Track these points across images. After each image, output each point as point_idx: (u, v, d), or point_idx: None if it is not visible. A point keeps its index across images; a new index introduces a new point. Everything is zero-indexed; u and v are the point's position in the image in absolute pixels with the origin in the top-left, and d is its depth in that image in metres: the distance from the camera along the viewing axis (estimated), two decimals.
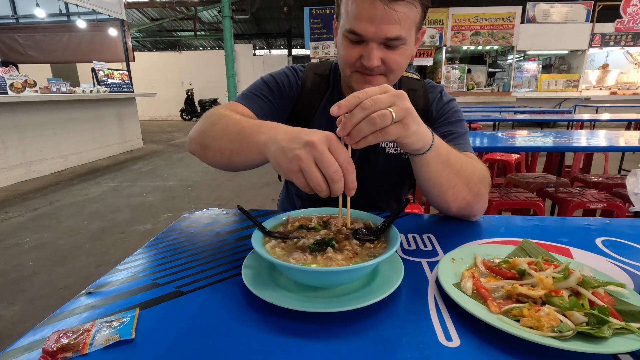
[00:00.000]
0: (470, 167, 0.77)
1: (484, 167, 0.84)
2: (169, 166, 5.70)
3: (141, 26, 14.37)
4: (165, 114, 14.95)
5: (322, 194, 0.52)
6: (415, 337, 0.44)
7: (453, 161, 0.72)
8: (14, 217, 3.44)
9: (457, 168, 0.73)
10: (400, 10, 0.73)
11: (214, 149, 0.76)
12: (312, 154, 0.51)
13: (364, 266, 0.47)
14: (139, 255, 0.68)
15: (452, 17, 9.25)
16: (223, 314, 0.49)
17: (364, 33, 0.76)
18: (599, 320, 0.42)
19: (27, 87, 4.86)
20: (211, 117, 0.80)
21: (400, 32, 0.76)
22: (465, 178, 0.74)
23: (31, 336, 0.45)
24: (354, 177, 0.52)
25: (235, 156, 0.71)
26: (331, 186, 0.51)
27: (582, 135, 2.50)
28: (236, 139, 0.70)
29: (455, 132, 0.94)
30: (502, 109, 6.92)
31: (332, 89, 1.01)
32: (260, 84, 0.97)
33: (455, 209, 0.78)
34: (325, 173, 0.51)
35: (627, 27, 8.96)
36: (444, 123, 0.96)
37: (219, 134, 0.75)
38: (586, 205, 2.00)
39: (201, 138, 0.80)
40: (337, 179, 0.51)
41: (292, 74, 1.01)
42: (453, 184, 0.73)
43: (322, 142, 0.51)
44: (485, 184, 0.80)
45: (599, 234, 0.75)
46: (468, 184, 0.75)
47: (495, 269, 0.56)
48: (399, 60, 0.81)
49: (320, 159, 0.51)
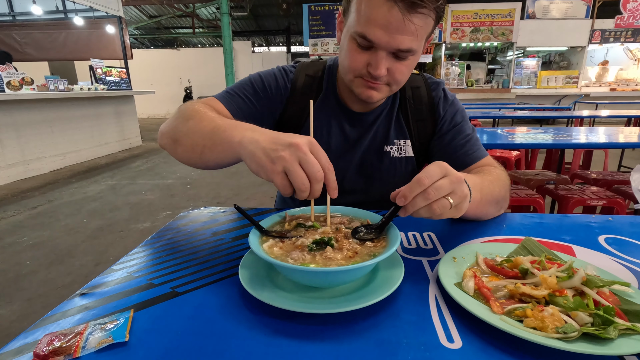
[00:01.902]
0: (498, 188, 0.78)
1: (502, 170, 0.86)
2: (167, 164, 5.68)
3: (139, 23, 14.30)
4: (164, 112, 14.90)
5: (302, 195, 0.54)
6: (416, 339, 0.43)
7: (485, 198, 0.72)
8: (12, 215, 3.43)
9: (487, 200, 0.73)
10: (417, 22, 0.70)
11: (185, 145, 0.74)
12: (296, 155, 0.53)
13: (363, 266, 0.46)
14: (134, 254, 0.67)
15: (452, 13, 9.20)
16: (219, 315, 0.48)
17: (375, 40, 0.72)
18: (605, 321, 0.41)
19: (24, 84, 4.84)
20: (185, 111, 0.78)
21: (412, 44, 0.73)
22: (494, 201, 0.76)
23: (23, 339, 0.44)
24: (334, 177, 0.56)
25: (207, 153, 0.69)
26: (313, 186, 0.54)
27: (582, 132, 2.49)
28: (209, 136, 0.69)
29: (469, 135, 0.94)
30: (501, 106, 6.91)
31: (325, 91, 0.97)
32: (246, 83, 0.94)
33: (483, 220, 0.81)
34: (309, 173, 0.53)
35: (627, 24, 8.92)
36: (456, 128, 0.95)
37: (192, 129, 0.73)
38: (586, 202, 1.99)
39: (173, 132, 0.78)
40: (320, 178, 0.53)
41: (282, 75, 0.96)
42: (484, 212, 0.76)
43: (306, 144, 0.54)
44: (508, 189, 0.83)
45: (602, 232, 0.74)
46: (498, 203, 0.78)
47: (497, 267, 0.55)
48: (405, 72, 0.80)
49: (305, 159, 0.53)
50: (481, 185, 0.71)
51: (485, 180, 0.75)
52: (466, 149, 0.92)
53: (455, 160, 0.91)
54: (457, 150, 0.93)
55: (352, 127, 0.97)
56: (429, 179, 0.54)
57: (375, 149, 0.98)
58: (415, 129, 0.97)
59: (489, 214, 0.79)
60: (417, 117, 0.97)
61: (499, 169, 0.86)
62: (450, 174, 0.56)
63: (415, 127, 0.97)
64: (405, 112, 0.97)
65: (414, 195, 0.54)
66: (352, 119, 0.96)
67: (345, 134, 0.97)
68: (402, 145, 0.97)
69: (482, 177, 0.75)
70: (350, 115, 0.96)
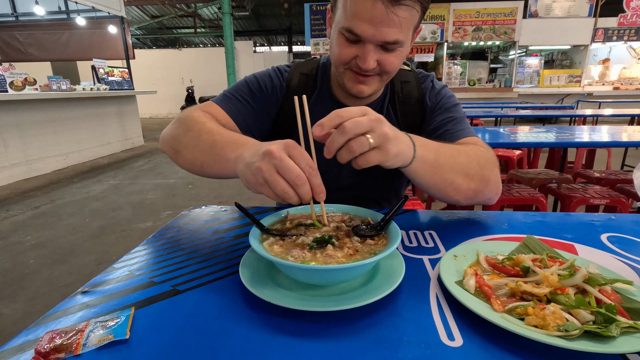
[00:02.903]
0: (466, 158, 0.74)
1: (486, 149, 0.81)
2: (169, 164, 5.69)
3: (141, 23, 14.34)
4: (166, 112, 14.94)
5: (291, 201, 0.53)
6: (417, 337, 0.42)
7: (443, 161, 0.69)
8: (16, 215, 3.45)
9: (449, 165, 0.70)
10: (402, 14, 0.71)
11: (186, 158, 0.77)
12: (272, 163, 0.51)
13: (363, 264, 0.46)
14: (135, 253, 0.67)
15: (454, 12, 9.17)
16: (220, 313, 0.48)
17: (362, 34, 0.74)
18: (607, 319, 0.41)
19: (27, 85, 4.86)
20: (185, 121, 0.80)
21: (399, 36, 0.74)
22: (462, 171, 0.72)
23: (24, 336, 0.44)
24: (319, 180, 0.53)
25: (207, 168, 0.73)
26: (297, 191, 0.52)
27: (585, 131, 2.47)
28: (208, 152, 0.71)
29: (453, 118, 0.92)
30: (503, 105, 6.89)
31: (320, 88, 0.98)
32: (242, 85, 0.95)
33: (463, 200, 0.76)
34: (288, 179, 0.51)
35: (630, 22, 8.87)
36: (441, 111, 0.95)
37: (192, 142, 0.75)
38: (589, 201, 1.98)
39: (173, 141, 0.80)
40: (300, 183, 0.51)
41: (277, 75, 0.97)
42: (449, 181, 0.71)
43: (280, 149, 0.52)
44: (490, 167, 0.77)
45: (604, 230, 0.73)
46: (467, 174, 0.73)
47: (498, 266, 0.55)
48: (395, 62, 0.80)
49: (280, 165, 0.51)
50: (438, 148, 0.69)
51: (450, 147, 0.74)
52: (448, 127, 0.90)
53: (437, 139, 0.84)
54: (440, 128, 0.91)
55: None
56: (347, 113, 0.53)
57: None
58: (403, 123, 0.97)
59: (455, 183, 0.72)
60: (405, 110, 0.97)
61: (482, 148, 0.81)
62: (369, 113, 0.55)
63: (403, 120, 0.97)
64: (394, 105, 0.98)
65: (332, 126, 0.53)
66: None
67: None
68: None
69: (446, 144, 0.74)
70: None
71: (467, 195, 0.75)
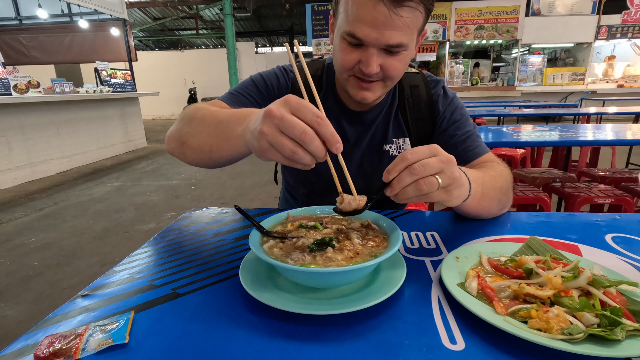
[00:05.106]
0: (500, 182, 0.76)
1: (505, 167, 0.85)
2: (172, 165, 5.71)
3: (143, 25, 14.39)
4: (169, 113, 14.99)
5: (304, 161, 0.47)
6: (418, 340, 0.42)
7: (487, 192, 0.71)
8: (20, 217, 3.47)
9: (490, 196, 0.72)
10: (405, 15, 0.69)
11: (193, 146, 0.74)
12: (273, 124, 0.47)
13: (364, 267, 0.46)
14: (136, 255, 0.67)
15: (456, 11, 9.14)
16: (219, 317, 0.47)
17: (364, 38, 0.72)
18: (612, 322, 0.40)
19: (30, 88, 4.90)
20: (188, 113, 0.78)
21: (402, 38, 0.72)
22: (497, 197, 0.75)
23: (23, 341, 0.44)
24: (331, 129, 0.47)
25: (216, 151, 0.68)
26: (307, 149, 0.47)
27: (589, 129, 2.46)
28: (215, 133, 0.68)
29: (471, 133, 0.93)
30: (506, 104, 6.85)
31: (325, 90, 0.97)
32: (249, 83, 0.95)
33: (488, 218, 0.80)
34: (293, 137, 0.46)
35: (634, 19, 8.80)
36: (457, 125, 0.94)
37: (197, 128, 0.73)
38: (594, 200, 1.96)
39: (178, 134, 0.77)
40: (308, 139, 0.46)
41: (283, 74, 0.97)
42: (487, 208, 0.75)
43: (279, 107, 0.47)
44: (511, 185, 0.81)
45: (609, 230, 0.72)
46: (500, 200, 0.77)
47: (501, 267, 0.54)
48: (399, 67, 0.78)
49: (282, 124, 0.46)
50: (483, 180, 0.70)
51: (487, 174, 0.74)
52: (466, 144, 0.91)
53: (456, 157, 0.89)
54: (457, 146, 0.91)
55: (351, 125, 0.97)
56: (414, 155, 0.52)
57: (375, 148, 0.97)
58: (414, 128, 0.97)
59: (491, 211, 0.77)
60: (415, 115, 0.96)
61: (501, 165, 0.84)
62: (439, 153, 0.54)
63: (414, 125, 0.97)
64: (403, 110, 0.97)
65: (399, 171, 0.52)
66: (350, 117, 0.96)
67: (345, 133, 0.97)
68: (401, 144, 0.97)
69: (484, 172, 0.75)
70: (349, 114, 0.96)
71: (494, 214, 0.80)
